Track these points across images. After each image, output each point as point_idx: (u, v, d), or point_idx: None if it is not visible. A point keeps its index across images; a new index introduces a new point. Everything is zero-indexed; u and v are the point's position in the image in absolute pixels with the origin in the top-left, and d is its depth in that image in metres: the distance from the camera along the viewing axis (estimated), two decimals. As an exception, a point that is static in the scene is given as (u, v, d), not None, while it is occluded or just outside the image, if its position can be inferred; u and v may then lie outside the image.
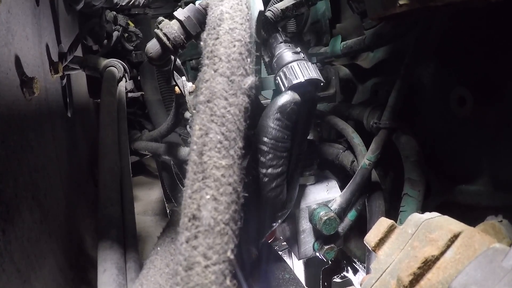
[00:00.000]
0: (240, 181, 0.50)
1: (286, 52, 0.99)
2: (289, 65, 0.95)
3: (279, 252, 1.29)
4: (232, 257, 0.45)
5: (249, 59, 0.61)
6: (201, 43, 0.65)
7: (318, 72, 0.97)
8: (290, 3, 1.12)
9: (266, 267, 0.97)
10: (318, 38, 1.69)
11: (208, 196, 0.46)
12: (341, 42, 1.43)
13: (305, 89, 0.94)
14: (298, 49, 1.02)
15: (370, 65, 1.44)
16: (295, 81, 0.92)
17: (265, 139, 0.88)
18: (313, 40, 1.71)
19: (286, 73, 0.95)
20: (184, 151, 1.50)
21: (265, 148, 0.89)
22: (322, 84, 1.00)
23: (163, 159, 2.00)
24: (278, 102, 0.89)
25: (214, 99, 0.53)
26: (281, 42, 1.03)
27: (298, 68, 0.94)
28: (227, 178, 0.48)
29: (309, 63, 0.97)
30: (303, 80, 0.92)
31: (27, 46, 1.03)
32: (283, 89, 0.94)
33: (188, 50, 2.27)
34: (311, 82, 0.93)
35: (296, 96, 0.90)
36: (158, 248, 0.77)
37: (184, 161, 1.47)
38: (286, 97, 0.89)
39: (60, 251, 1.06)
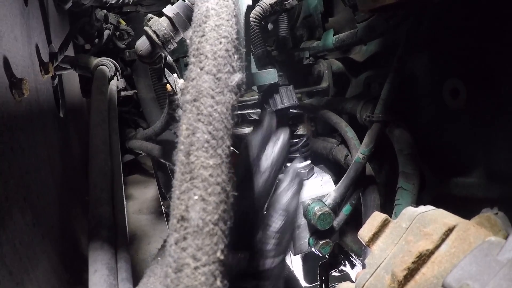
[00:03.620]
0: (228, 180, 0.49)
1: None
2: None
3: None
4: (222, 257, 0.44)
5: (236, 56, 0.60)
6: (188, 40, 0.64)
7: None
8: (279, -3, 1.12)
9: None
10: (311, 32, 1.68)
11: (196, 197, 0.45)
12: (334, 35, 1.42)
13: None
14: None
15: (363, 59, 1.44)
16: None
17: None
18: (306, 34, 1.70)
19: None
20: None
21: None
22: None
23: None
24: None
25: (201, 98, 0.52)
26: None
27: None
28: (215, 177, 0.47)
29: None
30: None
31: (15, 47, 1.02)
32: None
33: (181, 47, 2.26)
34: None
35: None
36: (159, 258, 0.77)
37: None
38: None
39: (54, 252, 1.05)
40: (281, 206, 0.77)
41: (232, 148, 0.54)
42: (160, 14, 0.91)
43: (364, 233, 0.68)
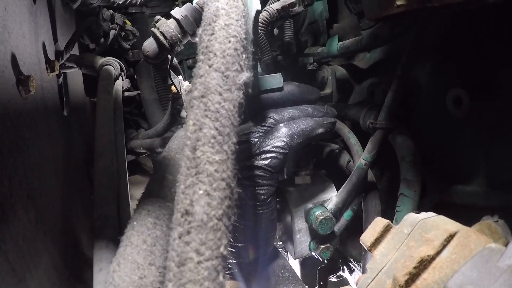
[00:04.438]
0: (233, 176, 0.50)
1: None
2: None
3: (279, 249, 1.29)
4: (225, 253, 0.44)
5: (244, 55, 0.61)
6: (196, 39, 0.65)
7: None
8: (286, 3, 1.12)
9: (265, 265, 0.97)
10: (315, 38, 1.69)
11: (201, 192, 0.46)
12: (338, 42, 1.43)
13: None
14: None
15: (366, 66, 1.44)
16: None
17: None
18: (310, 40, 1.71)
19: None
20: None
21: None
22: None
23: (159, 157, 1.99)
24: None
25: (209, 94, 0.53)
26: None
27: None
28: (220, 173, 0.48)
29: None
30: None
31: (23, 44, 1.03)
32: None
33: (185, 49, 2.27)
34: None
35: None
36: (134, 222, 0.73)
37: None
38: None
39: (55, 250, 1.06)
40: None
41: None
42: (165, 15, 0.91)
43: (366, 238, 0.68)
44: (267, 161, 0.94)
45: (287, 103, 1.13)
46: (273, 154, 0.94)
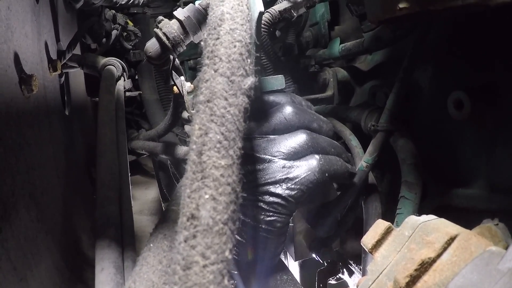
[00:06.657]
0: (239, 181, 0.50)
1: None
2: None
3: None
4: (230, 257, 0.45)
5: (249, 60, 0.61)
6: (202, 43, 0.65)
7: None
8: (288, 5, 1.13)
9: (264, 267, 0.96)
10: (317, 40, 1.69)
11: (207, 196, 0.46)
12: (340, 44, 1.43)
13: None
14: None
15: (368, 68, 1.45)
16: None
17: None
18: (312, 42, 1.71)
19: None
20: (181, 149, 1.50)
21: None
22: None
23: (160, 158, 1.99)
24: None
25: (214, 99, 0.53)
26: None
27: None
28: (226, 178, 0.48)
29: None
30: None
31: (26, 43, 1.03)
32: None
33: (187, 50, 2.26)
34: None
35: None
36: (151, 245, 0.76)
37: (181, 159, 1.47)
38: None
39: (56, 249, 1.06)
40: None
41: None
42: (167, 16, 0.92)
43: (367, 240, 0.68)
44: (292, 192, 0.85)
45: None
46: (301, 187, 0.86)
